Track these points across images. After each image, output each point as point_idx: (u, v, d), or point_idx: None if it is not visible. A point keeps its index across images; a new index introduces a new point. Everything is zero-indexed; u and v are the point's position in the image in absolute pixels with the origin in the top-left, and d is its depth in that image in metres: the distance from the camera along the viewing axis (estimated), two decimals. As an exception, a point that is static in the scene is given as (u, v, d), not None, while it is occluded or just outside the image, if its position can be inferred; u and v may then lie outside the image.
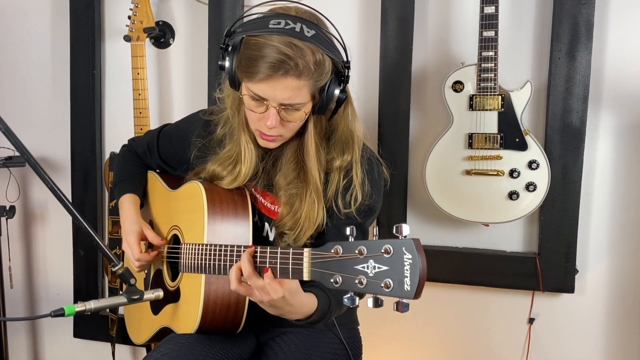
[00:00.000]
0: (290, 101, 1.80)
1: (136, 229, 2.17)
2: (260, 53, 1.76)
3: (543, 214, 2.74)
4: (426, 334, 3.05)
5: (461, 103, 2.65)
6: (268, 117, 1.84)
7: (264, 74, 1.76)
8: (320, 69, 1.79)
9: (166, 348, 1.95)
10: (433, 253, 2.87)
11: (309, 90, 1.81)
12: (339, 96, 1.87)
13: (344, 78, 1.86)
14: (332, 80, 1.84)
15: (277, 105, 1.81)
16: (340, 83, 1.86)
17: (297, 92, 1.79)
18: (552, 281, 2.77)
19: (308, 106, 1.85)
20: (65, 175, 3.35)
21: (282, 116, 1.84)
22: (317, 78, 1.80)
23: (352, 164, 1.97)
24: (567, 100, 2.64)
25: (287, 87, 1.78)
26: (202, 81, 3.09)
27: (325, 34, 1.82)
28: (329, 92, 1.84)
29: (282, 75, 1.75)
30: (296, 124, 1.89)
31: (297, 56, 1.74)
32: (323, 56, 1.79)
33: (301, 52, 1.75)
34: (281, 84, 1.77)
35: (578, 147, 2.65)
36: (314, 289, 1.81)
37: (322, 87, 1.83)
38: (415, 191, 2.90)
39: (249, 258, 1.65)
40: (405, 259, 1.29)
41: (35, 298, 3.64)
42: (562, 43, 2.62)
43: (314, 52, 1.77)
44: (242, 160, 2.02)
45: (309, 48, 1.76)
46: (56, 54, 3.35)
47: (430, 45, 2.85)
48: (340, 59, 1.84)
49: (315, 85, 1.81)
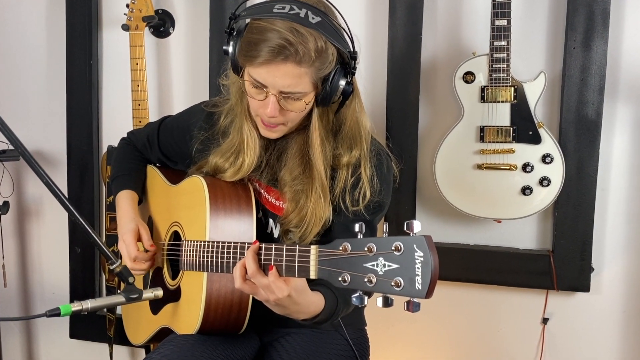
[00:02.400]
0: (290, 89, 1.80)
1: (132, 228, 2.17)
2: (262, 37, 1.76)
3: (557, 209, 2.74)
4: (435, 334, 3.06)
5: (472, 95, 2.65)
6: (268, 104, 1.84)
7: (263, 58, 1.76)
8: (322, 57, 1.78)
9: (166, 349, 1.95)
10: (443, 250, 2.85)
11: (310, 79, 1.80)
12: (345, 88, 1.86)
13: (350, 69, 1.85)
14: (337, 71, 1.83)
15: (277, 93, 1.81)
16: (347, 74, 1.85)
17: (297, 79, 1.79)
18: (566, 280, 2.78)
19: (309, 96, 1.85)
20: (61, 170, 3.36)
21: (282, 105, 1.84)
22: (320, 67, 1.79)
23: (360, 160, 1.97)
24: (583, 92, 2.64)
25: (286, 74, 1.78)
26: (204, 72, 3.08)
27: (331, 22, 1.81)
28: (333, 82, 1.83)
29: (281, 60, 1.75)
30: (297, 114, 1.88)
31: (298, 42, 1.74)
32: (326, 44, 1.78)
33: (303, 39, 1.75)
34: (281, 70, 1.77)
35: (594, 141, 2.66)
36: (320, 287, 1.81)
37: (326, 77, 1.83)
38: (425, 186, 2.91)
39: (253, 255, 1.64)
40: (417, 257, 1.29)
41: (30, 297, 3.65)
42: (577, 32, 2.62)
43: (317, 39, 1.76)
44: (244, 150, 2.01)
45: (312, 35, 1.76)
46: (52, 44, 3.35)
47: (440, 34, 2.85)
48: (346, 49, 1.83)
49: (318, 74, 1.81)
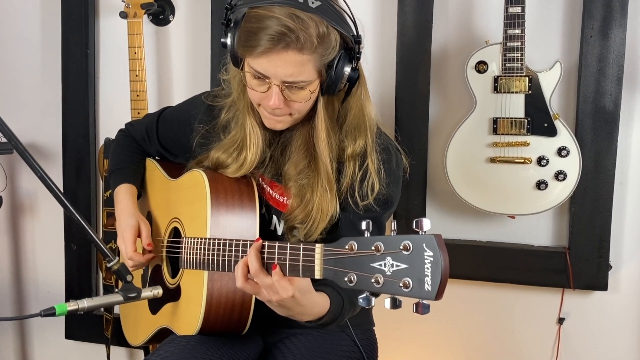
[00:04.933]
0: (293, 78, 1.79)
1: (132, 224, 2.16)
2: (260, 25, 1.75)
3: (573, 205, 2.74)
4: (447, 335, 3.06)
5: (485, 85, 2.65)
6: (271, 96, 1.83)
7: (264, 47, 1.75)
8: (325, 42, 1.78)
9: (166, 351, 1.95)
10: (454, 247, 2.87)
11: (313, 67, 1.80)
12: (351, 74, 1.85)
13: (355, 54, 1.84)
14: (342, 57, 1.82)
15: (280, 83, 1.81)
16: (352, 60, 1.85)
17: (300, 67, 1.78)
18: (583, 278, 2.78)
19: (314, 84, 1.84)
20: (57, 163, 3.37)
21: (286, 95, 1.83)
22: (323, 53, 1.79)
23: (365, 150, 1.96)
24: (600, 82, 2.63)
25: (288, 62, 1.77)
26: (205, 61, 3.09)
27: (332, 6, 1.81)
28: (338, 69, 1.82)
29: (282, 48, 1.74)
30: (302, 104, 1.87)
31: (298, 28, 1.73)
32: (328, 29, 1.77)
33: (303, 24, 1.74)
34: (282, 58, 1.76)
35: (611, 133, 2.65)
36: (325, 287, 1.81)
37: (330, 63, 1.82)
38: (436, 181, 2.91)
39: (256, 253, 1.64)
40: (426, 257, 1.29)
41: (24, 296, 3.66)
42: (595, 20, 2.61)
43: (318, 24, 1.75)
44: (247, 146, 2.01)
45: (313, 20, 1.75)
46: (47, 32, 3.36)
47: (451, 22, 2.85)
48: (349, 33, 1.82)
49: (322, 61, 1.80)
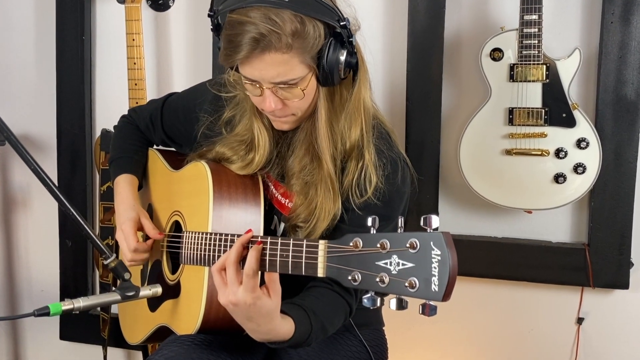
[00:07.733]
0: (281, 78, 1.80)
1: (132, 216, 2.16)
2: (236, 31, 1.76)
3: (593, 199, 2.74)
4: (461, 335, 3.07)
5: (500, 73, 2.65)
6: (265, 100, 1.84)
7: (243, 54, 1.76)
8: (302, 36, 1.77)
9: (169, 351, 1.96)
10: (468, 244, 2.88)
11: (299, 62, 1.79)
12: (348, 60, 1.84)
13: (346, 39, 1.83)
14: (331, 44, 1.81)
15: (270, 86, 1.82)
16: (344, 45, 1.84)
17: (284, 67, 1.78)
18: (603, 276, 2.78)
19: (306, 79, 1.84)
20: (51, 156, 3.38)
21: (281, 96, 1.84)
22: (304, 46, 1.78)
23: (362, 141, 1.95)
24: (621, 70, 2.64)
25: (270, 64, 1.78)
26: (206, 48, 3.09)
27: None
28: (329, 57, 1.81)
29: (260, 52, 1.75)
30: (300, 102, 1.87)
31: (271, 31, 1.73)
32: (303, 21, 1.76)
33: (275, 25, 1.73)
34: (263, 61, 1.77)
35: (633, 124, 2.65)
36: (298, 311, 1.80)
37: (320, 54, 1.82)
38: (448, 173, 2.92)
39: (257, 255, 1.65)
40: (433, 255, 1.29)
41: (17, 295, 3.68)
42: (615, 5, 2.61)
43: (292, 19, 1.75)
44: (255, 148, 2.03)
45: (286, 16, 1.75)
46: (40, 17, 3.37)
47: (465, 7, 2.85)
48: (334, 18, 1.80)
49: (307, 54, 1.79)
